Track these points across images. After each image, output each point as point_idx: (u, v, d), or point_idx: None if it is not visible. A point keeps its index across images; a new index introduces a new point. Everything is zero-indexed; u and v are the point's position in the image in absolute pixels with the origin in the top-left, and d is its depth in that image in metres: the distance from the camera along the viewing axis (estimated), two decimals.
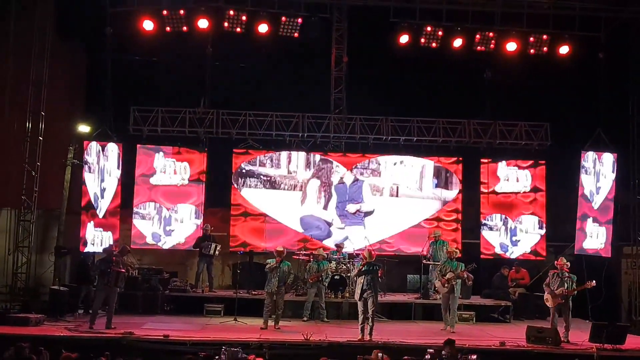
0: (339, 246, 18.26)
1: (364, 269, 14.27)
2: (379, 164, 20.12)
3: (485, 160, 20.29)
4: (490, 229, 20.11)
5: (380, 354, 11.23)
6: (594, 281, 14.34)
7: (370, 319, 14.01)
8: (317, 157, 19.97)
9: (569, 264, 14.60)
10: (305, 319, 16.33)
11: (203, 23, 18.31)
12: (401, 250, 19.75)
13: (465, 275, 15.56)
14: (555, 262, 14.77)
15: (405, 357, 11.48)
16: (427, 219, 19.99)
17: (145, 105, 19.30)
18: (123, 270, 14.68)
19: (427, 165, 20.17)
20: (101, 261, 14.78)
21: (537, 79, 19.50)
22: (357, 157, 20.13)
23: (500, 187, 20.20)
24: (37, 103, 17.27)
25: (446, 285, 15.36)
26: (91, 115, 19.00)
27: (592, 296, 17.13)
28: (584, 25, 18.88)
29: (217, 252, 18.01)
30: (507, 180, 20.19)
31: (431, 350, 12.62)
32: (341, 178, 19.95)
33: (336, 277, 17.16)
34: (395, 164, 20.12)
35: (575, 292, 14.33)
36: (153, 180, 19.30)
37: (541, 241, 19.86)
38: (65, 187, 18.49)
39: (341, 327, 15.49)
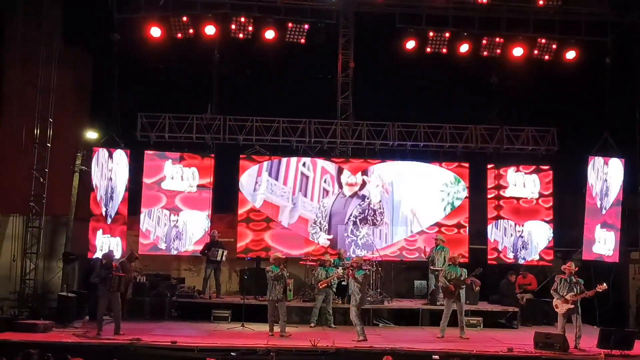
0: (339, 252, 18.23)
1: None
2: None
3: (492, 166, 20.27)
4: (497, 234, 20.08)
5: None
6: (605, 284, 14.23)
7: (354, 322, 14.46)
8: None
9: (577, 268, 14.56)
10: (312, 324, 16.33)
11: (210, 29, 18.40)
12: (404, 255, 19.76)
13: (469, 283, 15.55)
14: (563, 267, 14.71)
15: None
16: (434, 225, 19.96)
17: (152, 111, 19.40)
18: (124, 274, 14.70)
19: (436, 170, 20.19)
20: (102, 267, 14.80)
21: (544, 84, 19.50)
22: (364, 163, 20.12)
23: (507, 193, 20.18)
24: (45, 109, 17.35)
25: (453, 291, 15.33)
26: (99, 122, 19.07)
27: (600, 302, 17.07)
28: (591, 31, 18.88)
29: (224, 258, 18.02)
30: (514, 185, 20.18)
31: (436, 356, 12.64)
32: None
33: (343, 283, 17.10)
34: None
35: (588, 295, 14.25)
36: (161, 186, 19.35)
37: (548, 246, 19.84)
38: (73, 194, 18.55)
39: (348, 332, 15.41)
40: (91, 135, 18.94)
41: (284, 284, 15.22)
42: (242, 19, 18.51)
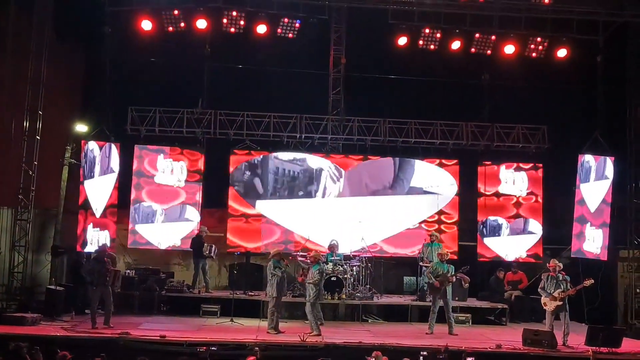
0: (332, 247, 18.12)
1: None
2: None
3: (483, 163, 20.29)
4: (487, 231, 20.11)
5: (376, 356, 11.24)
6: (592, 279, 14.30)
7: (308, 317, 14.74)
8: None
9: (561, 265, 14.60)
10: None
11: (201, 23, 18.34)
12: (398, 252, 19.77)
13: (454, 280, 15.59)
14: (548, 264, 14.78)
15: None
16: (424, 221, 19.99)
17: (143, 105, 19.30)
18: (119, 270, 14.71)
19: (426, 167, 20.20)
20: (95, 260, 14.78)
21: (535, 82, 19.51)
22: (355, 159, 20.12)
23: (497, 190, 20.20)
24: (34, 102, 17.23)
25: (439, 287, 15.36)
26: (89, 115, 18.99)
27: (589, 299, 17.19)
28: (582, 29, 18.91)
29: (214, 254, 18.00)
30: (505, 182, 20.21)
31: (424, 352, 12.65)
32: None
33: (333, 278, 17.11)
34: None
35: (575, 291, 14.30)
36: (150, 180, 19.29)
37: (538, 244, 19.89)
38: (63, 187, 18.50)
39: (338, 328, 15.49)
40: (81, 128, 18.86)
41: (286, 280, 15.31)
42: (234, 13, 18.45)
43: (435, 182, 20.12)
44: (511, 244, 20.01)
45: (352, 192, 19.98)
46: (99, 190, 18.35)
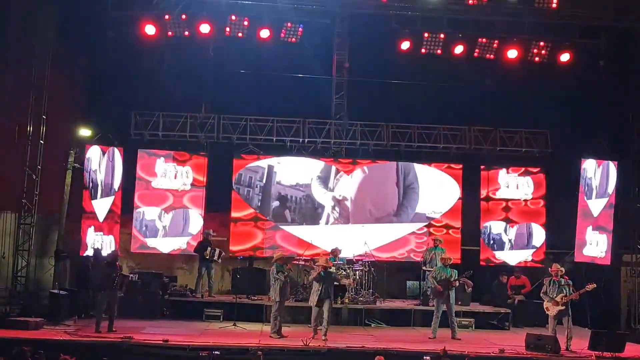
0: (334, 252, 18.01)
1: (321, 274, 14.59)
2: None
3: (486, 167, 20.30)
4: (490, 235, 20.11)
5: None
6: (594, 284, 14.30)
7: (324, 322, 14.31)
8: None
9: (563, 270, 14.60)
10: None
11: (205, 28, 18.36)
12: (396, 258, 19.85)
13: (457, 285, 15.58)
14: (550, 269, 14.78)
15: None
16: (426, 225, 20.00)
17: (146, 109, 19.37)
18: (127, 275, 14.78)
19: (429, 172, 20.22)
20: (107, 265, 14.83)
21: (538, 87, 19.51)
22: (357, 163, 20.15)
23: (500, 194, 20.24)
24: (38, 107, 17.22)
25: (442, 291, 15.35)
26: (92, 120, 18.98)
27: (592, 304, 17.14)
28: (585, 33, 18.94)
29: (220, 258, 18.02)
30: (508, 187, 20.25)
31: (427, 357, 12.65)
32: None
33: (335, 283, 17.05)
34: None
35: (578, 296, 14.29)
36: (154, 185, 19.34)
37: (541, 248, 19.89)
38: (66, 191, 18.49)
39: (341, 333, 15.46)
40: (85, 132, 18.88)
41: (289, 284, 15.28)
42: (238, 18, 18.48)
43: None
44: (514, 249, 20.04)
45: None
46: (102, 195, 18.38)
